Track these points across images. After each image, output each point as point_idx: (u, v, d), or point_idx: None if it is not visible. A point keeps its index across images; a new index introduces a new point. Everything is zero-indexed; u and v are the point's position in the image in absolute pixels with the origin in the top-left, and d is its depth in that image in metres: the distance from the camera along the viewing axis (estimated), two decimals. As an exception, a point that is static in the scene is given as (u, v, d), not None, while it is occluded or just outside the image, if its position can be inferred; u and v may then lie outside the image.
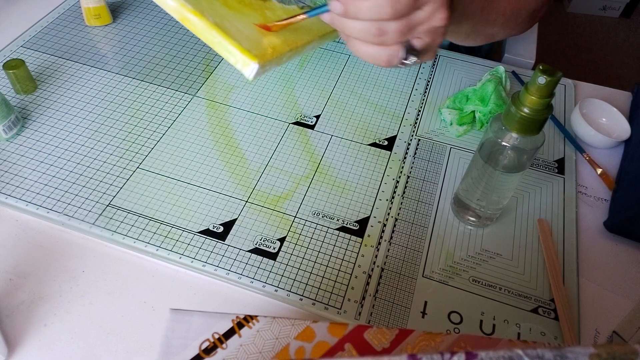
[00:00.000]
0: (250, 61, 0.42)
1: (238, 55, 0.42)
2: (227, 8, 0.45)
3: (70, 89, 0.60)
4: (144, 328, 0.42)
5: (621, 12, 2.24)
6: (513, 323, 0.44)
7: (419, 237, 0.49)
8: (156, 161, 0.53)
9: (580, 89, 0.67)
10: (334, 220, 0.50)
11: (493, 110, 0.57)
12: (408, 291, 0.45)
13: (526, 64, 0.72)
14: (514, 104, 0.40)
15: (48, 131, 0.55)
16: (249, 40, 0.43)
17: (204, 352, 0.30)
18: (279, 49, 0.45)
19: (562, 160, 0.57)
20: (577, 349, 0.21)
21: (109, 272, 0.45)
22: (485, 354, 0.21)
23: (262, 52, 0.43)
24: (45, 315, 0.42)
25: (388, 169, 0.55)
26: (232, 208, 0.50)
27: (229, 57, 0.43)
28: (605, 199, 0.54)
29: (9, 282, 0.44)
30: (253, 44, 0.43)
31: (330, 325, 0.31)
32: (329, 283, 0.45)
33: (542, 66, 0.37)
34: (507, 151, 0.43)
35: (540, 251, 0.49)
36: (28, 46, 0.65)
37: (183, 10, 0.42)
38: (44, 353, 0.40)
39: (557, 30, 2.16)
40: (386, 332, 0.31)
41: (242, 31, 0.43)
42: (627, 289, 0.47)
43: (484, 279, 0.46)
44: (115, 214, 0.48)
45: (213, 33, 0.42)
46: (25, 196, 0.49)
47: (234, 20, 0.44)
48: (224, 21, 0.43)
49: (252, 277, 0.45)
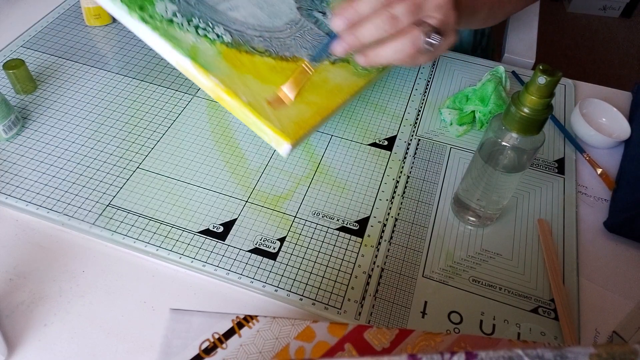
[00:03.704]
0: (284, 142, 0.43)
1: (271, 135, 0.44)
2: (260, 81, 0.46)
3: (70, 89, 0.60)
4: (144, 328, 0.42)
5: (621, 12, 2.24)
6: (513, 323, 0.44)
7: (419, 237, 0.49)
8: (156, 161, 0.53)
9: (580, 89, 0.67)
10: (334, 220, 0.50)
11: (493, 110, 0.57)
12: (408, 291, 0.45)
13: (526, 64, 0.72)
14: (514, 104, 0.40)
15: (48, 131, 0.55)
16: (281, 118, 0.44)
17: (204, 352, 0.30)
18: (311, 122, 0.46)
19: (562, 160, 0.57)
20: (577, 349, 0.21)
21: (109, 272, 0.45)
22: (485, 354, 0.21)
23: (295, 129, 0.44)
24: (45, 315, 0.42)
25: (388, 169, 0.55)
26: (232, 208, 0.50)
27: (263, 136, 0.45)
28: (605, 199, 0.54)
29: (9, 282, 0.44)
30: (286, 121, 0.44)
31: (330, 325, 0.31)
32: (329, 283, 0.45)
33: (542, 66, 0.37)
34: (507, 151, 0.43)
35: (540, 251, 0.49)
36: (28, 46, 0.65)
37: (217, 90, 0.44)
38: (44, 353, 0.40)
39: (557, 30, 2.16)
40: (386, 332, 0.31)
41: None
42: (627, 289, 0.47)
43: (484, 279, 0.46)
44: (115, 214, 0.48)
45: (246, 113, 0.44)
46: (25, 196, 0.49)
47: (266, 95, 0.45)
48: (256, 98, 0.44)
49: (252, 277, 0.45)
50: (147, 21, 0.44)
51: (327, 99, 0.48)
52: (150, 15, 0.45)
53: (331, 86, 0.50)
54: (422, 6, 0.44)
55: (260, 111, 0.44)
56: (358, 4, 0.43)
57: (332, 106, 0.49)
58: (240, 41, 0.48)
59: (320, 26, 0.47)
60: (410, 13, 0.43)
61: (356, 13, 0.43)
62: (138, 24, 0.44)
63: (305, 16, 0.55)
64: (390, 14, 0.43)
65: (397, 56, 0.45)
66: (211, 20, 0.48)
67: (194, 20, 0.47)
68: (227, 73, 0.45)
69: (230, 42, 0.48)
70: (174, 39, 0.45)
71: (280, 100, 0.46)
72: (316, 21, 0.56)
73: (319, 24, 0.55)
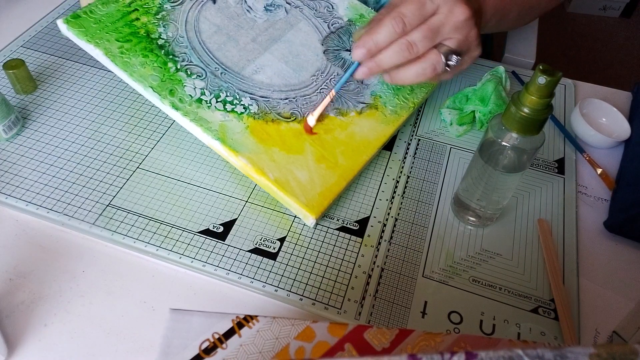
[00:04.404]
0: (310, 215, 0.46)
1: (297, 209, 0.47)
2: (286, 152, 0.49)
3: (70, 89, 0.60)
4: (144, 328, 0.42)
5: (621, 12, 2.24)
6: (513, 323, 0.44)
7: (419, 237, 0.49)
8: (156, 161, 0.53)
9: (580, 89, 0.67)
10: (334, 220, 0.50)
11: (493, 110, 0.57)
12: (408, 291, 0.45)
13: (526, 64, 0.72)
14: (514, 104, 0.40)
15: (48, 131, 0.55)
16: (307, 190, 0.47)
17: (204, 352, 0.30)
18: (336, 189, 0.48)
19: (562, 160, 0.57)
20: (577, 349, 0.21)
21: (109, 272, 0.45)
22: (485, 354, 0.21)
23: (319, 200, 0.47)
24: (45, 315, 0.42)
25: (388, 169, 0.55)
26: (232, 208, 0.50)
27: (290, 208, 0.48)
28: (605, 199, 0.54)
29: (9, 282, 0.44)
30: (311, 193, 0.47)
31: (330, 325, 0.31)
32: (329, 283, 0.45)
33: (542, 66, 0.37)
34: (507, 151, 0.43)
35: (540, 251, 0.49)
36: (28, 46, 0.65)
37: (246, 169, 0.47)
38: (44, 353, 0.40)
39: (557, 30, 2.16)
40: (386, 332, 0.31)
41: (300, 179, 0.47)
42: (627, 289, 0.47)
43: (484, 279, 0.46)
44: (115, 214, 0.48)
45: (274, 189, 0.47)
46: (25, 196, 0.49)
47: (291, 166, 0.48)
48: (282, 172, 0.47)
49: (252, 277, 0.45)
50: (178, 107, 0.48)
51: (352, 160, 0.50)
52: (180, 99, 0.48)
53: (357, 142, 0.51)
54: (440, 30, 0.46)
55: (286, 187, 0.46)
56: (376, 34, 0.45)
57: (358, 166, 0.50)
58: (267, 109, 0.50)
59: (348, 69, 0.50)
60: (427, 39, 0.45)
61: (374, 43, 0.46)
62: (170, 110, 0.48)
63: (332, 60, 0.57)
64: (407, 41, 0.45)
65: (419, 79, 0.48)
66: (238, 91, 0.50)
67: (222, 94, 0.50)
68: (254, 150, 0.48)
69: (256, 112, 0.50)
70: (204, 122, 0.48)
71: (310, 128, 0.50)
72: (343, 63, 0.57)
73: (347, 67, 0.57)
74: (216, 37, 0.53)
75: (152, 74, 0.49)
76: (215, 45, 0.52)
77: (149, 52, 0.50)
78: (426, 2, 0.45)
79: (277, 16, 0.57)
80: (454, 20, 0.45)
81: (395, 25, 0.44)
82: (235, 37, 0.54)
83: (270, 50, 0.54)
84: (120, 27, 0.50)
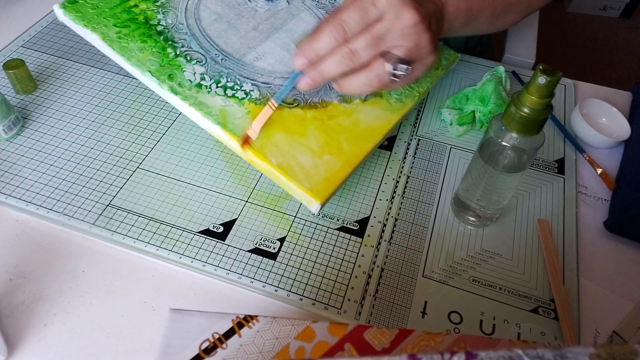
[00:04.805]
0: (314, 201, 0.45)
1: (301, 195, 0.45)
2: (288, 137, 0.47)
3: (70, 89, 0.60)
4: (144, 328, 0.42)
5: (621, 12, 2.24)
6: (513, 323, 0.44)
7: (419, 237, 0.49)
8: (156, 161, 0.53)
9: (580, 89, 0.67)
10: (334, 220, 0.50)
11: (493, 110, 0.57)
12: (408, 291, 0.45)
13: (526, 64, 0.72)
14: (514, 104, 0.40)
15: (48, 131, 0.55)
16: (310, 175, 0.45)
17: (204, 352, 0.30)
18: (341, 175, 0.47)
19: (562, 160, 0.57)
20: (577, 349, 0.21)
21: (109, 272, 0.45)
22: (485, 354, 0.21)
23: (324, 186, 0.45)
24: (45, 315, 0.42)
25: (388, 169, 0.55)
26: (232, 208, 0.50)
27: (293, 194, 0.46)
28: (605, 199, 0.54)
29: (9, 282, 0.44)
30: (315, 178, 0.45)
31: (330, 325, 0.31)
32: (329, 283, 0.45)
33: (542, 66, 0.37)
34: (507, 151, 0.43)
35: (540, 251, 0.49)
36: (28, 46, 0.65)
37: (248, 153, 0.45)
38: (44, 353, 0.40)
39: (557, 30, 2.16)
40: (386, 332, 0.31)
41: (304, 165, 0.46)
42: (627, 289, 0.47)
43: (484, 279, 0.46)
44: (115, 214, 0.48)
45: (276, 174, 0.45)
46: (25, 196, 0.49)
47: (294, 152, 0.46)
48: (285, 157, 0.46)
49: (252, 277, 0.45)
50: (177, 92, 0.46)
51: (357, 146, 0.49)
52: (179, 83, 0.47)
53: (362, 129, 0.50)
54: (384, 37, 0.43)
55: (289, 172, 0.45)
56: (316, 43, 0.43)
57: (363, 153, 0.49)
58: (268, 95, 0.49)
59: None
60: (371, 46, 0.43)
61: (314, 52, 0.43)
62: (169, 94, 0.47)
63: None
64: (349, 49, 0.43)
65: (366, 88, 0.45)
66: (239, 77, 0.50)
67: (222, 80, 0.49)
68: None
69: (258, 98, 0.49)
70: (204, 106, 0.46)
71: (247, 139, 0.46)
72: None
73: None
74: (216, 24, 0.52)
75: (150, 59, 0.48)
76: (216, 32, 0.52)
77: (147, 37, 0.49)
78: (369, 8, 0.42)
79: (278, 6, 0.57)
80: (401, 27, 0.42)
81: (335, 32, 0.42)
82: (236, 25, 0.53)
83: (271, 39, 0.54)
84: (118, 13, 0.50)
